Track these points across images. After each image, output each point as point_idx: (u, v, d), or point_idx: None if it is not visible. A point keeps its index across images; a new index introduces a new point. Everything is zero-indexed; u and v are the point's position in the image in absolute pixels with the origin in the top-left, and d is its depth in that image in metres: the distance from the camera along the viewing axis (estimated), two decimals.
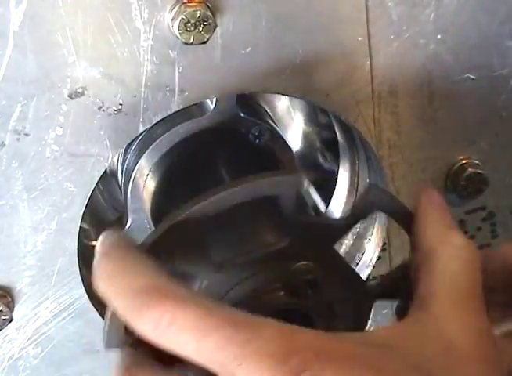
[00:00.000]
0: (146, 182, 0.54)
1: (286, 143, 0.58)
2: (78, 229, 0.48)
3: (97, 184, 0.47)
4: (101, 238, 0.35)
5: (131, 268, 0.33)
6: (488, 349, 0.33)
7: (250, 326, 0.31)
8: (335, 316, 0.41)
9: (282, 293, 0.39)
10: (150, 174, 0.54)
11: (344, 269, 0.42)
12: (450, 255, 0.36)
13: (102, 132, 0.45)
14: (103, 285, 0.33)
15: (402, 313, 0.39)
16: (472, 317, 0.34)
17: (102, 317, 0.51)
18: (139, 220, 0.56)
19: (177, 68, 0.44)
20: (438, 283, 0.35)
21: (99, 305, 0.52)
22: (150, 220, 0.55)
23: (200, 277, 0.38)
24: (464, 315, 0.34)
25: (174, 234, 0.36)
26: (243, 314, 0.32)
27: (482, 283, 0.36)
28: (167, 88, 0.45)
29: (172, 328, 0.31)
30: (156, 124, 0.46)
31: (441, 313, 0.34)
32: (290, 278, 0.39)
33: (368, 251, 0.59)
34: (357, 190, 0.60)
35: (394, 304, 0.60)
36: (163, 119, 0.46)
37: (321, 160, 0.68)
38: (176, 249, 0.36)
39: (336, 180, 0.61)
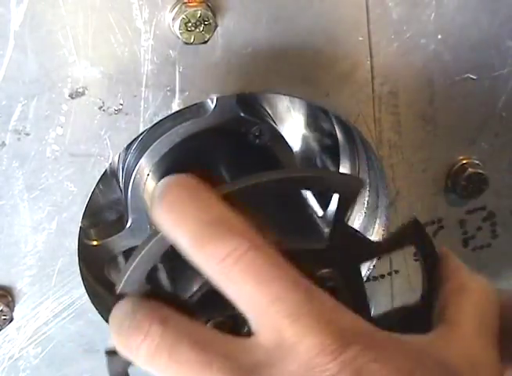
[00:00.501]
0: (146, 182, 0.54)
1: (287, 143, 0.58)
2: (78, 229, 0.48)
3: (97, 184, 0.47)
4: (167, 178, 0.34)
5: (200, 198, 0.32)
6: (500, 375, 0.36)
7: (310, 289, 0.31)
8: None
9: None
10: (151, 174, 0.54)
11: (360, 293, 0.42)
12: (480, 292, 0.39)
13: (102, 132, 0.45)
14: (167, 211, 0.32)
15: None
16: (491, 345, 0.36)
17: (103, 317, 0.51)
18: (139, 220, 0.56)
19: (177, 68, 0.44)
20: (467, 311, 0.37)
21: (99, 304, 0.52)
22: (150, 220, 0.55)
23: None
24: (486, 341, 0.36)
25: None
26: (303, 276, 0.32)
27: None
28: (168, 88, 0.45)
29: (237, 265, 0.30)
30: (156, 124, 0.46)
31: (467, 334, 0.36)
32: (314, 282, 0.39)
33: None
34: None
35: (395, 303, 0.60)
36: (163, 119, 0.46)
37: (321, 160, 0.68)
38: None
39: None
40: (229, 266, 0.30)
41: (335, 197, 0.39)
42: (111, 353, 0.36)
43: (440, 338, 0.36)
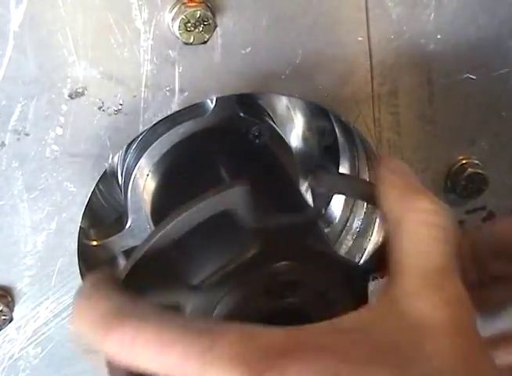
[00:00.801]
0: (146, 182, 0.54)
1: (286, 143, 0.58)
2: (78, 229, 0.48)
3: (97, 184, 0.47)
4: (85, 281, 0.36)
5: (97, 299, 0.34)
6: (463, 322, 0.31)
7: (211, 333, 0.31)
8: (332, 304, 0.40)
9: (266, 298, 0.39)
10: (150, 174, 0.54)
11: (325, 257, 0.41)
12: (416, 222, 0.33)
13: (102, 132, 0.45)
14: (76, 321, 0.34)
15: None
16: (443, 291, 0.31)
17: None
18: (139, 220, 0.56)
19: (177, 68, 0.44)
20: (405, 258, 0.33)
21: None
22: (150, 220, 0.55)
23: (182, 304, 0.38)
24: (434, 289, 0.31)
25: (144, 268, 0.36)
26: (204, 322, 0.32)
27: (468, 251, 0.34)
28: (168, 88, 0.45)
29: (135, 346, 0.31)
30: (156, 124, 0.46)
31: (409, 290, 0.32)
32: (270, 282, 0.39)
33: (368, 251, 0.59)
34: None
35: None
36: (163, 119, 0.46)
37: (321, 160, 0.68)
38: (150, 282, 0.37)
39: None
40: (130, 350, 0.31)
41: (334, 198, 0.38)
42: (111, 363, 0.36)
43: (378, 313, 0.32)
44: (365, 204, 0.60)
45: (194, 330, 0.31)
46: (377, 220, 0.58)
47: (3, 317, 0.48)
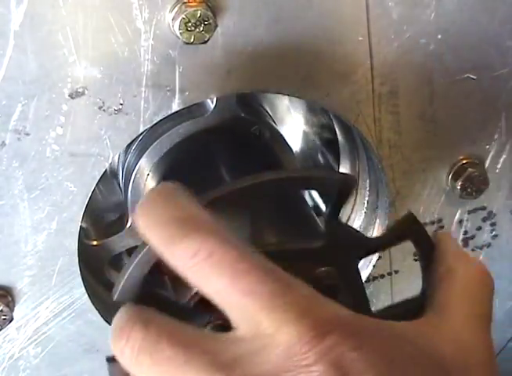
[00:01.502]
0: (146, 182, 0.54)
1: (287, 143, 0.58)
2: (78, 229, 0.48)
3: (97, 184, 0.47)
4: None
5: (173, 200, 0.33)
6: (493, 358, 0.35)
7: (283, 278, 0.31)
8: None
9: None
10: (151, 174, 0.54)
11: (358, 289, 0.42)
12: (470, 275, 0.38)
13: (102, 132, 0.45)
14: (141, 215, 0.33)
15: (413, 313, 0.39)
16: (482, 329, 0.36)
17: (102, 317, 0.51)
18: None
19: (177, 68, 0.44)
20: (456, 296, 0.37)
21: (99, 304, 0.52)
22: None
23: None
24: (476, 325, 0.36)
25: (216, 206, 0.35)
26: (276, 266, 0.32)
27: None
28: (168, 88, 0.45)
29: (209, 261, 0.30)
30: (156, 123, 0.46)
31: (456, 318, 0.35)
32: (312, 281, 0.39)
33: None
34: (357, 190, 0.59)
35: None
36: (163, 119, 0.46)
37: (321, 160, 0.68)
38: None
39: None
40: (200, 263, 0.30)
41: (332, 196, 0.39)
42: (111, 360, 0.36)
43: (427, 324, 0.35)
44: (366, 204, 0.60)
45: (271, 269, 0.31)
46: (377, 221, 0.58)
47: (3, 317, 0.48)
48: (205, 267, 0.30)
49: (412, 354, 0.32)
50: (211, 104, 0.53)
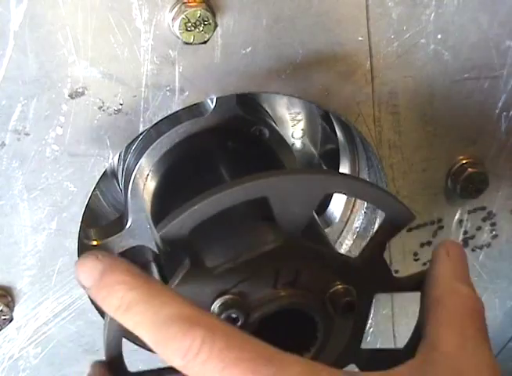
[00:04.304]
0: (146, 182, 0.54)
1: (287, 143, 0.58)
2: (78, 229, 0.48)
3: (97, 184, 0.47)
4: (91, 262, 0.35)
5: (156, 296, 0.33)
6: None
7: (277, 360, 0.31)
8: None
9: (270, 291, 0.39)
10: (150, 174, 0.54)
11: (362, 322, 0.43)
12: (457, 303, 0.38)
13: (102, 132, 0.45)
14: (124, 314, 0.33)
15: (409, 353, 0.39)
16: (480, 354, 0.36)
17: (103, 317, 0.51)
18: (139, 220, 0.56)
19: (177, 68, 0.44)
20: (446, 326, 0.37)
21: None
22: (150, 220, 0.54)
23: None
24: (471, 351, 0.36)
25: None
26: (270, 347, 0.32)
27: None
28: (168, 88, 0.45)
29: (200, 357, 0.31)
30: (156, 124, 0.46)
31: (451, 351, 0.35)
32: (330, 296, 0.40)
33: None
34: None
35: (395, 303, 0.60)
36: (163, 119, 0.46)
37: (321, 159, 0.68)
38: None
39: None
40: (193, 359, 0.31)
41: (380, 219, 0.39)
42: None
43: (421, 363, 0.35)
44: (366, 204, 0.60)
45: (261, 353, 0.31)
46: (377, 221, 0.58)
47: (3, 317, 0.48)
48: (198, 363, 0.31)
49: None
50: (211, 104, 0.53)
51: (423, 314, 0.39)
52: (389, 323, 0.61)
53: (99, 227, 0.58)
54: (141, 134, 0.48)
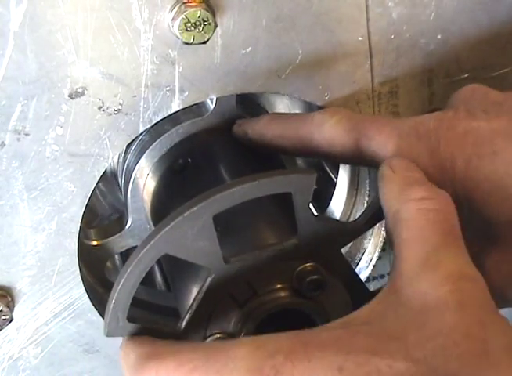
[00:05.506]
0: (146, 182, 0.54)
1: None
2: (78, 229, 0.48)
3: (97, 184, 0.47)
4: None
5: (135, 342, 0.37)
6: (467, 296, 0.31)
7: (222, 352, 0.32)
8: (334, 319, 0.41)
9: (287, 293, 0.39)
10: (150, 174, 0.54)
11: (348, 274, 0.42)
12: (413, 210, 0.35)
13: (102, 132, 0.45)
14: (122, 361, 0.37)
15: None
16: (442, 269, 0.32)
17: (102, 317, 0.51)
18: (139, 220, 0.56)
19: (177, 68, 0.44)
20: (404, 247, 0.34)
21: (99, 305, 0.52)
22: (150, 220, 0.54)
23: (208, 269, 0.39)
24: (432, 269, 0.32)
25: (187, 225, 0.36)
26: (214, 344, 0.35)
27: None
28: (168, 88, 0.45)
29: None
30: (156, 124, 0.46)
31: (410, 276, 0.33)
32: (297, 279, 0.39)
33: (368, 251, 0.59)
34: (357, 190, 0.59)
35: None
36: (163, 119, 0.46)
37: (321, 159, 0.68)
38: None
39: (336, 180, 0.61)
40: None
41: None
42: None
43: (385, 303, 0.33)
44: (366, 203, 0.59)
45: (206, 354, 0.33)
46: None
47: (3, 317, 0.48)
48: None
49: (361, 350, 0.30)
50: (211, 104, 0.53)
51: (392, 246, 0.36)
52: None
53: (99, 227, 0.58)
54: (141, 134, 0.48)
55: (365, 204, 0.60)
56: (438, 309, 0.31)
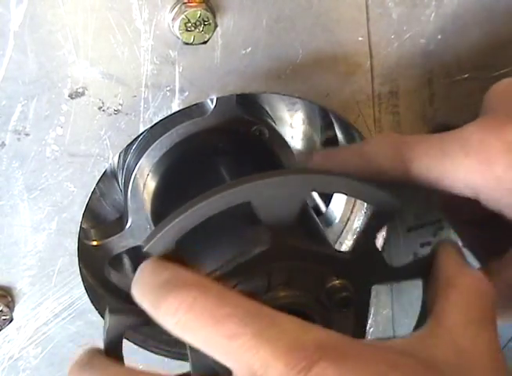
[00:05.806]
0: (146, 182, 0.54)
1: (287, 143, 0.58)
2: (78, 229, 0.48)
3: (97, 184, 0.47)
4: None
5: (158, 268, 0.35)
6: (499, 362, 0.35)
7: (265, 316, 0.31)
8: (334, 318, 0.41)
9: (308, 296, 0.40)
10: (150, 174, 0.54)
11: (363, 315, 0.43)
12: (467, 284, 0.38)
13: (102, 132, 0.45)
14: (135, 291, 0.35)
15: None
16: (483, 334, 0.35)
17: (102, 317, 0.51)
18: (139, 220, 0.56)
19: (177, 68, 0.44)
20: (453, 304, 0.37)
21: (99, 305, 0.52)
22: (150, 220, 0.55)
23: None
24: (476, 331, 0.35)
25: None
26: (258, 304, 0.32)
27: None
28: (168, 88, 0.45)
29: (189, 314, 0.31)
30: (156, 124, 0.46)
31: (454, 327, 0.35)
32: (326, 291, 0.40)
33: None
34: None
35: (395, 303, 0.60)
36: (163, 119, 0.46)
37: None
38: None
39: None
40: (182, 317, 0.32)
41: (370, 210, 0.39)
42: (114, 311, 0.37)
43: (426, 335, 0.35)
44: (366, 204, 0.59)
45: (249, 309, 0.31)
46: None
47: (3, 317, 0.48)
48: (187, 321, 0.31)
49: (405, 367, 0.32)
50: (211, 104, 0.53)
51: (428, 300, 0.39)
52: (389, 323, 0.61)
53: (99, 227, 0.58)
54: (141, 134, 0.48)
55: (365, 205, 0.60)
56: (477, 363, 0.34)
